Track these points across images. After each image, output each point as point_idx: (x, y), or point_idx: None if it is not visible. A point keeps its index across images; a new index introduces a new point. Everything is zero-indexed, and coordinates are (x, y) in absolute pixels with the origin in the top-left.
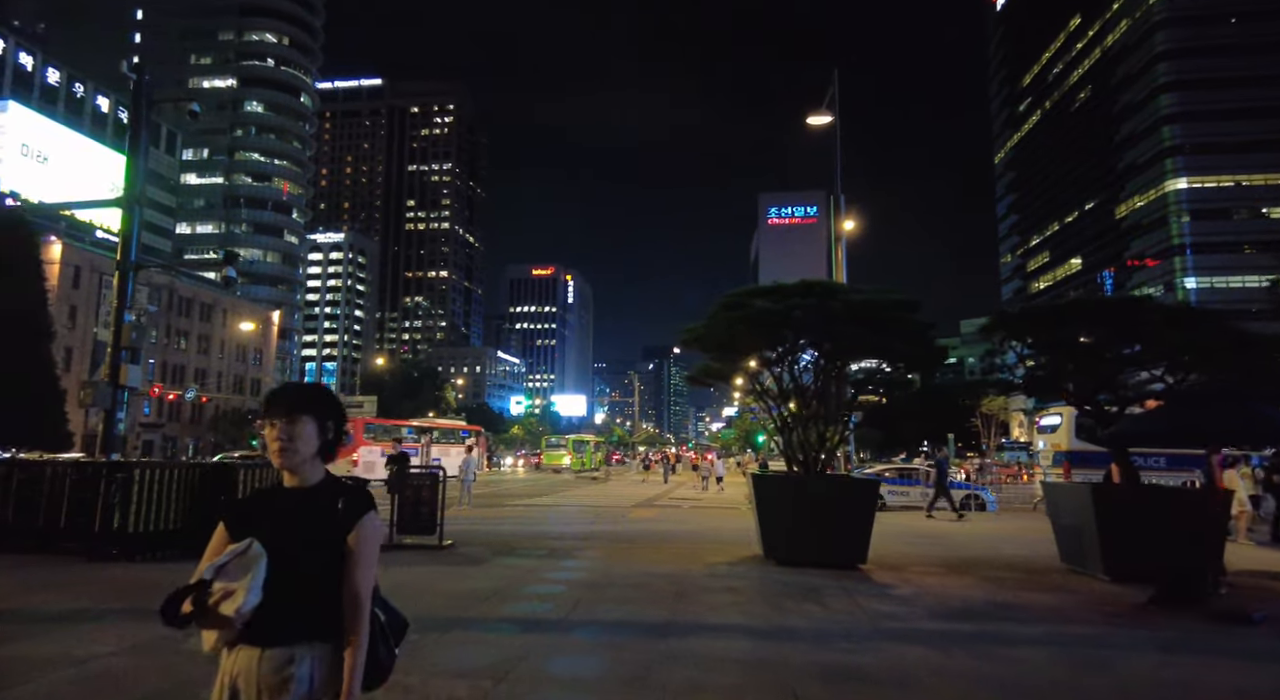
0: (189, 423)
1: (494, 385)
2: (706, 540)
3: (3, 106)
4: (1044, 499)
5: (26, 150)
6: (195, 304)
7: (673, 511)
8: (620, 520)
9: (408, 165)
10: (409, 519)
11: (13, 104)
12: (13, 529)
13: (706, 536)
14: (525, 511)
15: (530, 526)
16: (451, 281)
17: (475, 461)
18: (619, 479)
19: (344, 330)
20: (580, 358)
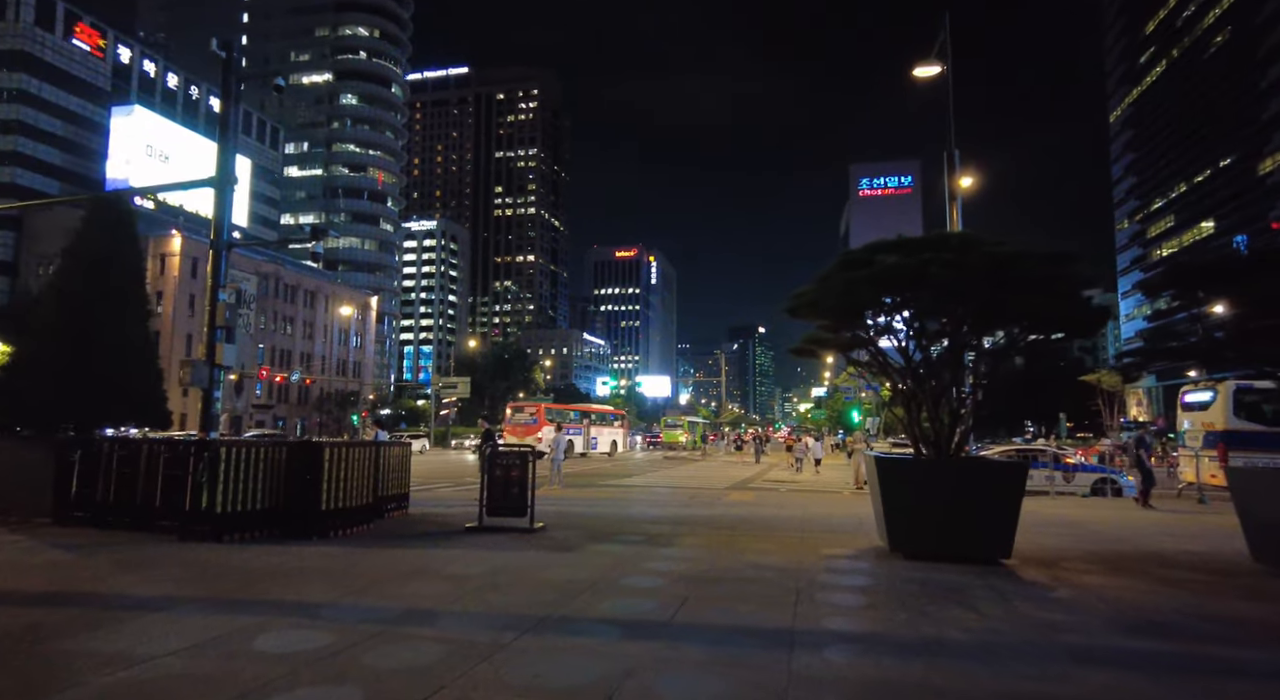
0: (296, 404)
1: (580, 367)
2: (816, 528)
3: (129, 110)
4: (1229, 485)
5: (150, 150)
6: (299, 291)
7: (770, 495)
8: (716, 504)
9: (495, 152)
10: (499, 499)
11: (138, 108)
12: (113, 507)
13: (815, 523)
14: (616, 492)
15: (622, 509)
16: (538, 265)
17: (566, 441)
18: (709, 459)
19: (438, 315)
20: (664, 338)
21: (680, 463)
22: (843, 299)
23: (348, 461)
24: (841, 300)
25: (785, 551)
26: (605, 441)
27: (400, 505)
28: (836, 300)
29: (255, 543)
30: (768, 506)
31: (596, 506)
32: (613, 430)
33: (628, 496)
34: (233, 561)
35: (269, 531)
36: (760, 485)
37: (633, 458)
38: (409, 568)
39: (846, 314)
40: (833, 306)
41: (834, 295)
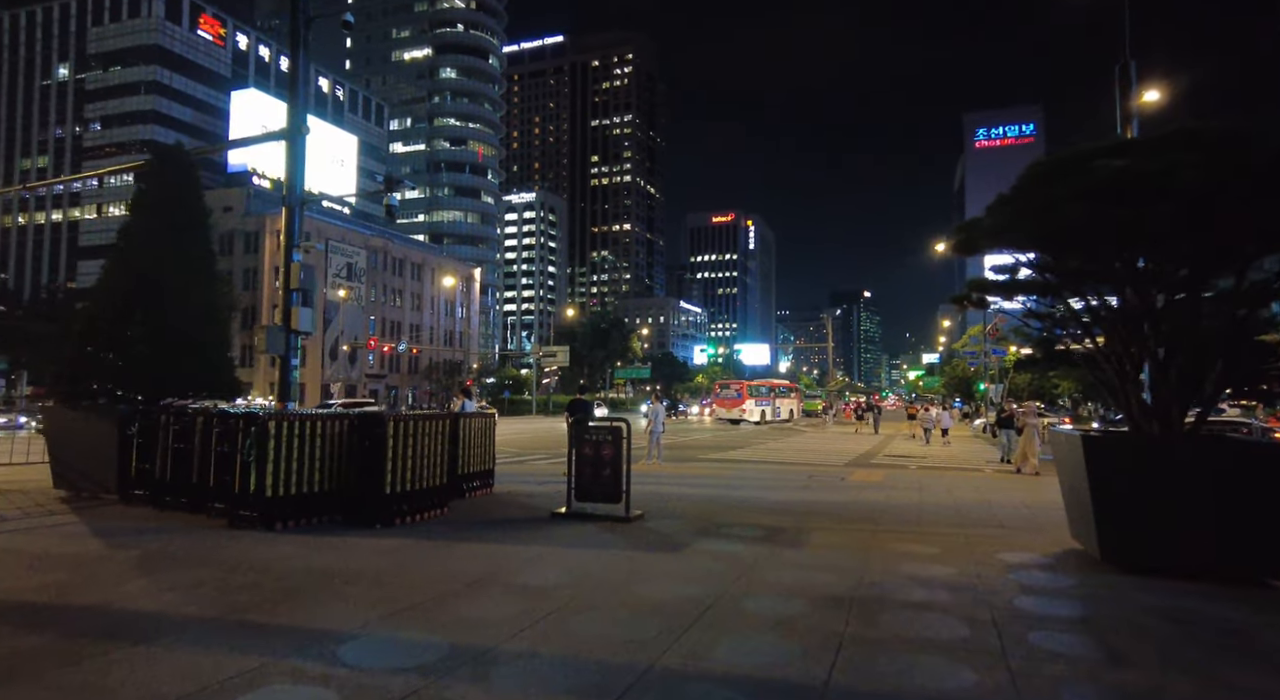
0: (407, 373)
1: (677, 335)
2: (975, 521)
3: (245, 92)
4: None
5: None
6: (407, 264)
7: (901, 474)
8: (840, 485)
9: (590, 120)
10: (588, 482)
11: (253, 90)
12: (170, 485)
13: (971, 514)
14: (720, 470)
15: (730, 490)
16: (634, 234)
17: (664, 412)
18: (819, 430)
19: (539, 285)
20: (762, 305)
21: (790, 434)
22: (1044, 222)
23: (417, 437)
24: (1042, 224)
25: (952, 557)
26: (785, 410)
27: (484, 483)
28: (1034, 224)
29: (310, 531)
30: (903, 489)
31: (701, 487)
32: (789, 401)
33: (735, 475)
34: (271, 560)
35: (329, 518)
36: (885, 461)
37: (736, 428)
38: (475, 573)
39: (1047, 243)
40: (1028, 233)
41: (1030, 217)
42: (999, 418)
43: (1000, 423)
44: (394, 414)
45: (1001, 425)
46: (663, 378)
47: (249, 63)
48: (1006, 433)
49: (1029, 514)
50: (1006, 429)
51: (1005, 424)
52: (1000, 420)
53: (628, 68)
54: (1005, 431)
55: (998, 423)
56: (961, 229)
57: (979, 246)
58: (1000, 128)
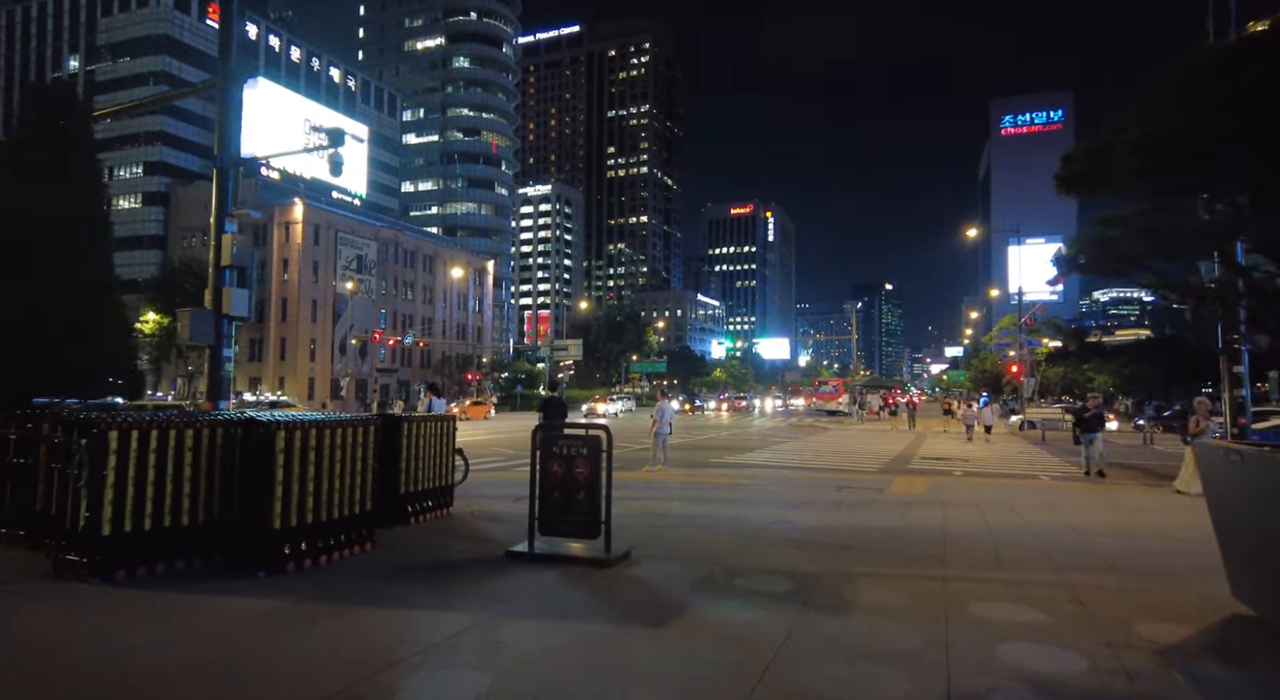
0: (418, 367)
1: (695, 329)
2: (1071, 559)
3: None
4: None
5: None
6: (418, 256)
7: (947, 482)
8: (878, 501)
9: (607, 111)
10: (556, 511)
11: (261, 80)
12: (9, 516)
13: (1059, 545)
14: (735, 478)
15: (745, 509)
16: (651, 226)
17: (673, 410)
18: (844, 427)
19: (555, 279)
20: (782, 298)
21: (811, 432)
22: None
23: (325, 450)
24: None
25: (1068, 630)
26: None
27: (439, 503)
28: (1185, 128)
29: (164, 582)
30: (958, 505)
31: (709, 504)
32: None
33: (751, 486)
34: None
35: (203, 560)
36: (925, 466)
37: (753, 424)
38: (344, 677)
39: (1200, 156)
40: (1182, 142)
41: (1179, 122)
42: (1079, 418)
43: (1082, 424)
44: (291, 420)
45: (1085, 427)
46: (680, 372)
47: (259, 52)
48: (1090, 438)
49: (1137, 548)
50: (1091, 433)
51: (1090, 426)
52: (1082, 421)
53: (645, 57)
54: (1089, 435)
55: (1078, 424)
56: (1085, 147)
57: (1121, 162)
58: (1028, 114)
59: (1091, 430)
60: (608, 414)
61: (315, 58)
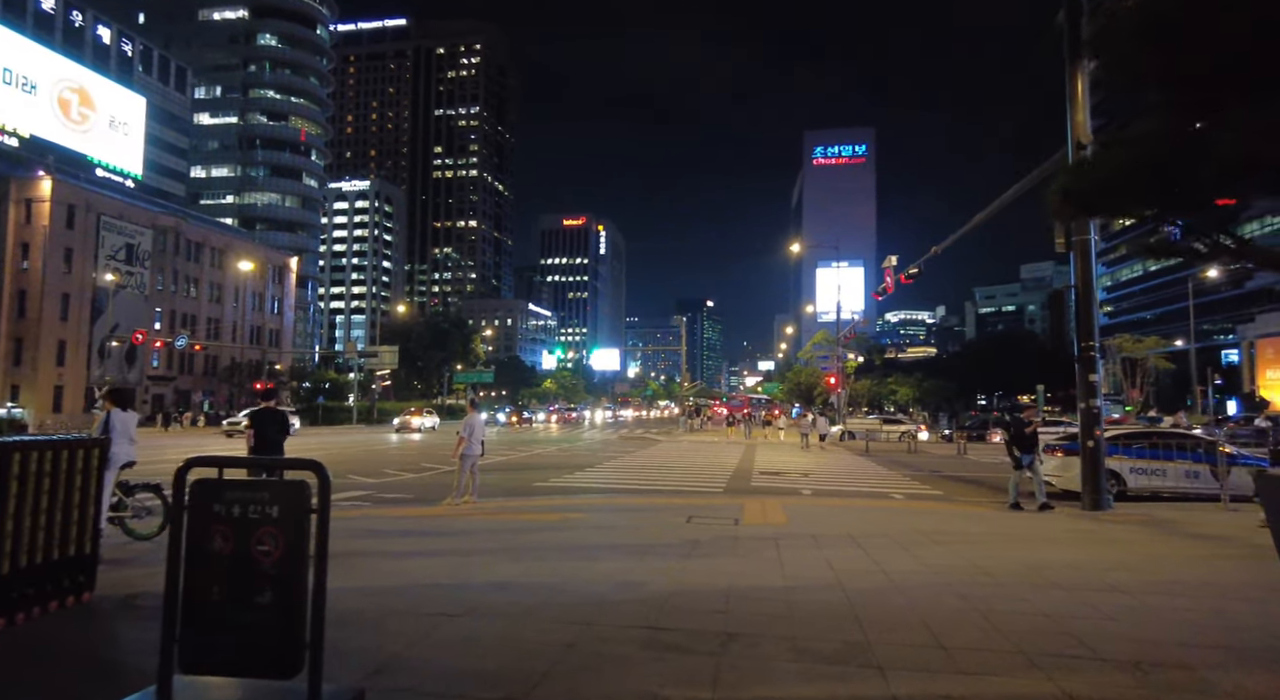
0: (202, 375)
1: (525, 339)
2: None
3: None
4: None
5: (9, 76)
6: (205, 249)
7: (801, 505)
8: (741, 539)
9: (434, 110)
10: (216, 626)
11: None
12: None
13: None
14: (565, 509)
15: (578, 562)
16: (481, 231)
17: (483, 426)
18: (675, 439)
19: (372, 281)
20: (613, 311)
21: (644, 444)
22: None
23: None
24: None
25: None
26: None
27: (71, 585)
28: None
29: None
30: (834, 543)
31: (526, 556)
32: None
33: (584, 522)
34: None
35: None
36: (768, 482)
37: (583, 437)
38: None
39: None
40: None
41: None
42: (1018, 434)
43: (1021, 442)
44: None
45: (1025, 447)
46: (509, 383)
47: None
48: (1029, 459)
49: (1092, 609)
50: (1030, 453)
51: (1031, 445)
52: (1022, 438)
53: (476, 58)
54: (1028, 456)
55: (1014, 442)
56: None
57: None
58: (836, 147)
59: (1030, 450)
60: (423, 428)
61: (77, 11)
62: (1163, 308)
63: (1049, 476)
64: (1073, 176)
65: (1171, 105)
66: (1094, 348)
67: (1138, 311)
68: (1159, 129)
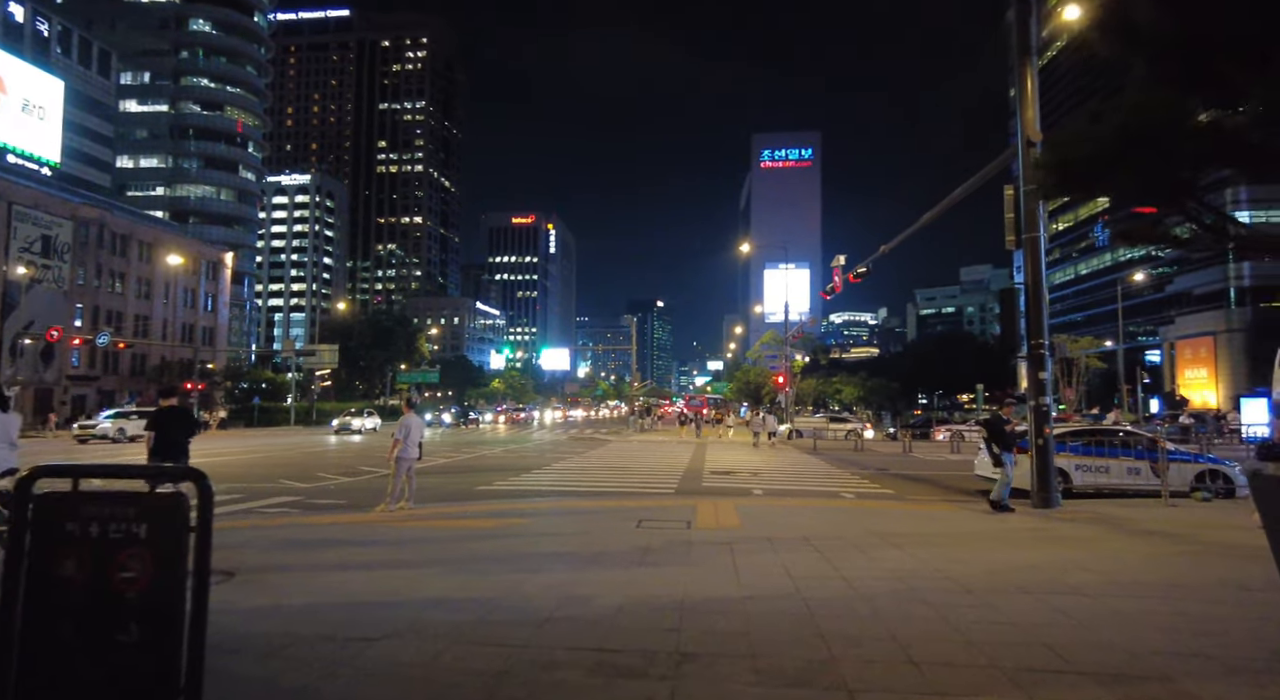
0: (129, 375)
1: (473, 338)
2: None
3: None
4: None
5: None
6: (133, 242)
7: (753, 506)
8: (694, 544)
9: (379, 104)
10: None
11: None
12: None
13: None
14: (509, 514)
15: (519, 573)
16: (426, 228)
17: (420, 427)
18: (620, 440)
19: (312, 279)
20: (563, 310)
21: (593, 445)
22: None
23: None
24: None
25: None
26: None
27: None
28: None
29: None
30: (789, 546)
31: (462, 568)
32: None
33: (528, 527)
34: None
35: None
36: (719, 483)
37: (531, 438)
38: None
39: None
40: None
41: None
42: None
43: (1001, 441)
44: None
45: (1005, 445)
46: (455, 383)
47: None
48: (1007, 456)
49: (1062, 615)
50: (1009, 451)
51: (1011, 443)
52: (1002, 437)
53: (422, 52)
54: (1009, 455)
55: (994, 441)
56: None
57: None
58: (783, 150)
59: (1009, 448)
60: (364, 429)
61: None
62: (1092, 310)
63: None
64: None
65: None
66: (1044, 345)
67: (1069, 314)
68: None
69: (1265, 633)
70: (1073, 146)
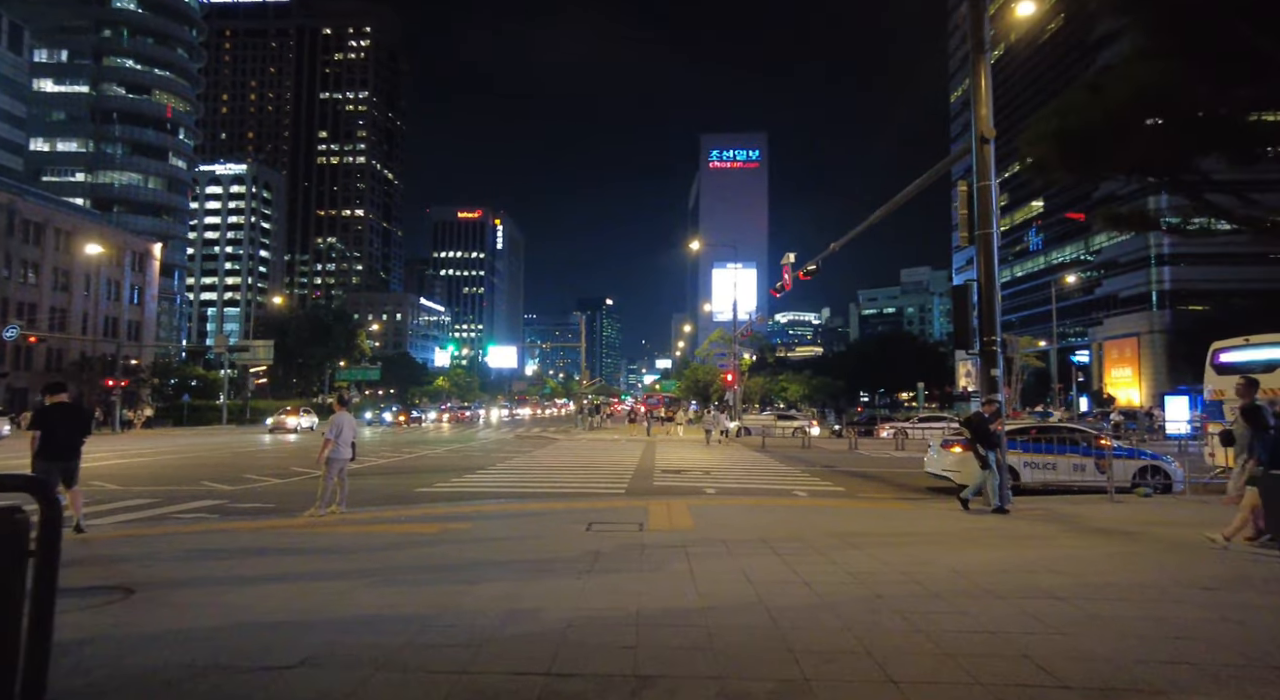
0: (44, 371)
1: (417, 335)
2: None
3: None
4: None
5: None
6: (48, 230)
7: (706, 506)
8: (648, 548)
9: (320, 93)
10: None
11: None
12: None
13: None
14: (449, 519)
15: (458, 585)
16: (368, 221)
17: (348, 424)
18: (570, 439)
19: (248, 272)
20: (510, 308)
21: (540, 443)
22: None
23: None
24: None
25: None
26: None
27: None
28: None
29: None
30: (747, 549)
31: (393, 581)
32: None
33: (470, 533)
34: None
35: None
36: (670, 481)
37: (477, 437)
38: None
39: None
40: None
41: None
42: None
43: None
44: None
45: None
46: (397, 380)
47: None
48: (991, 456)
49: (1037, 622)
50: (993, 450)
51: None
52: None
53: (365, 41)
54: (992, 453)
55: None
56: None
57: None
58: (731, 151)
59: (994, 446)
60: (300, 428)
61: None
62: (1026, 311)
63: (947, 471)
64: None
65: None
66: (995, 342)
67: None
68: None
69: (1237, 636)
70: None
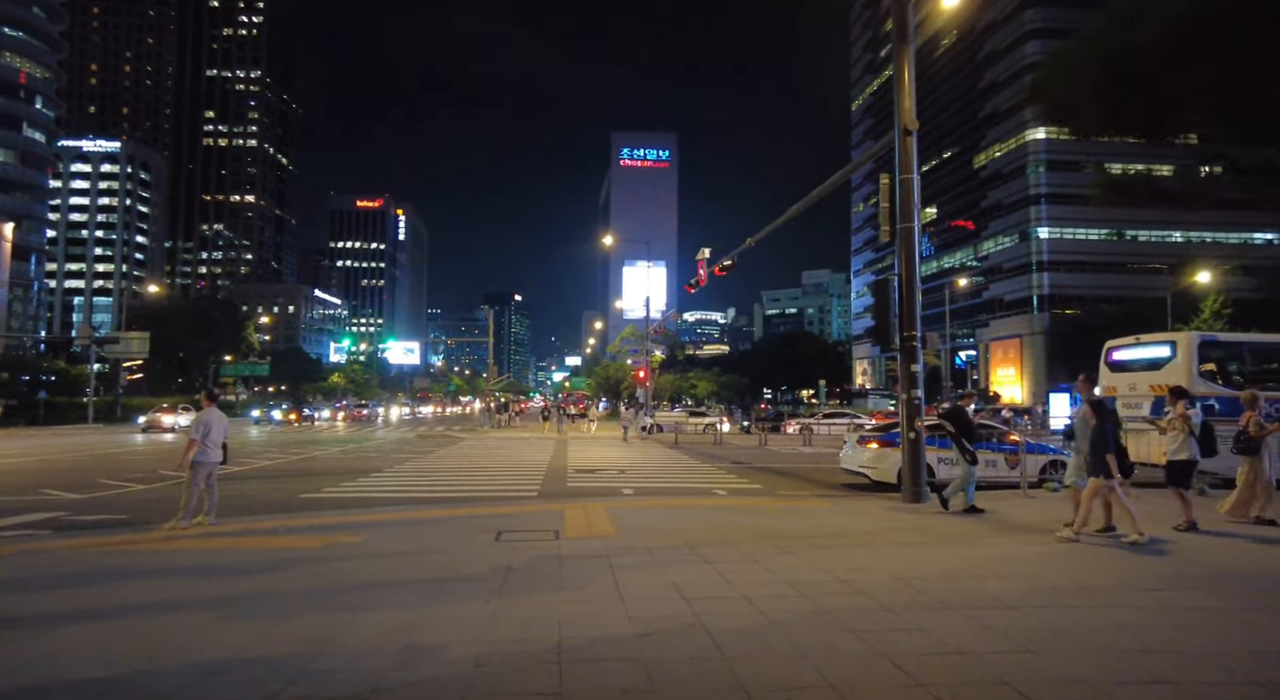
0: None
1: (311, 329)
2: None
3: None
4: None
5: None
6: None
7: (626, 509)
8: (565, 560)
9: (206, 69)
10: None
11: None
12: None
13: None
14: (337, 529)
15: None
16: (259, 208)
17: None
18: (476, 438)
19: (122, 258)
20: (413, 302)
21: (444, 443)
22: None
23: None
24: None
25: None
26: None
27: None
28: None
29: None
30: (676, 558)
31: (249, 607)
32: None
33: (360, 545)
34: None
35: None
36: (585, 482)
37: (374, 436)
38: None
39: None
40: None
41: None
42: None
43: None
44: None
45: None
46: (289, 376)
47: None
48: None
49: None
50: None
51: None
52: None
53: (258, 16)
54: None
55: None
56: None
57: None
58: (641, 150)
59: (976, 441)
60: (177, 427)
61: None
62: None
63: (863, 467)
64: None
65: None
66: (915, 337)
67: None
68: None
69: (1206, 646)
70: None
